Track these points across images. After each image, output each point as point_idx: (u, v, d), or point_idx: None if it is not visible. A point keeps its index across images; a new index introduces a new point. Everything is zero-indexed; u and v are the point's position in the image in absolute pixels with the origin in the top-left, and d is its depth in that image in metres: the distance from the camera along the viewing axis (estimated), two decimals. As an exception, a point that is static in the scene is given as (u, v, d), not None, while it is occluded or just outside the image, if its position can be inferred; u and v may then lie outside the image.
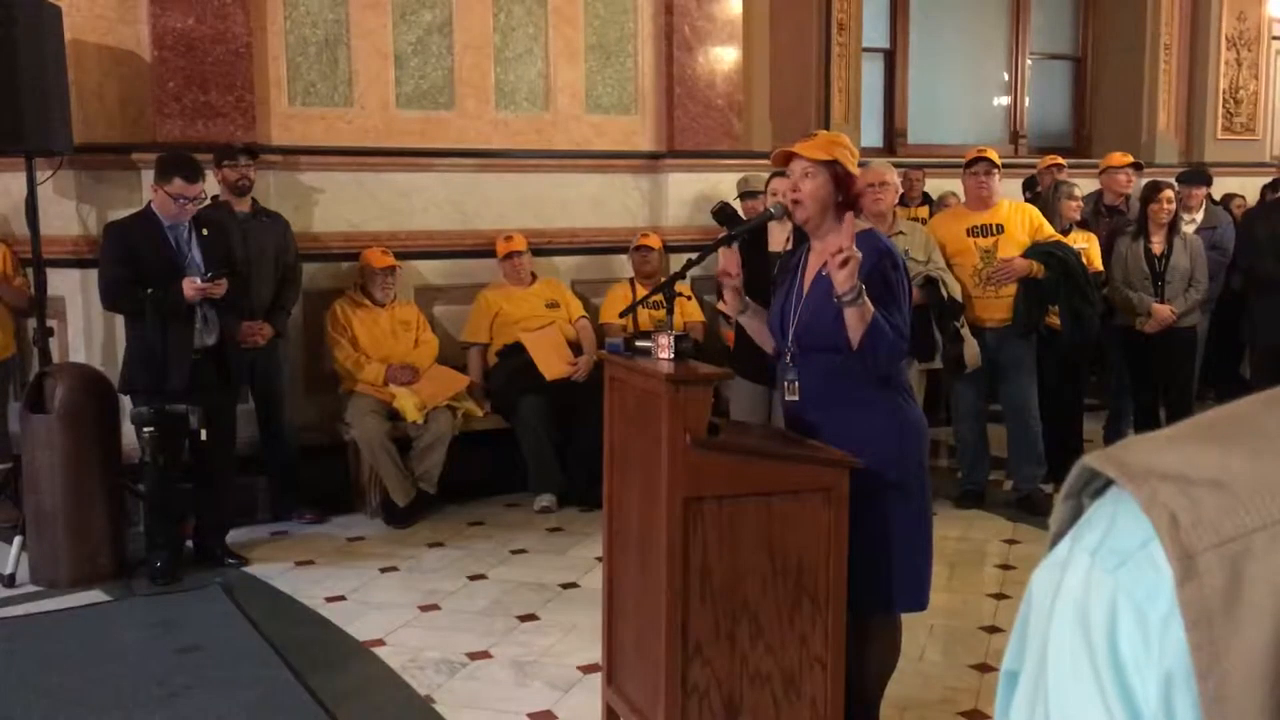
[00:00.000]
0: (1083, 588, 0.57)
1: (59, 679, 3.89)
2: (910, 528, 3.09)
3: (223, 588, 4.78)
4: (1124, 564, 0.56)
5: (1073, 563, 0.59)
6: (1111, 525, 0.57)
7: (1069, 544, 0.60)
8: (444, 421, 5.77)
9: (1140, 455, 0.58)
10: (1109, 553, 0.57)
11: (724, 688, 2.93)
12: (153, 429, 4.69)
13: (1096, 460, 0.59)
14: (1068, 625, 0.58)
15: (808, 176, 3.08)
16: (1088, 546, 0.58)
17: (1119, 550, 0.56)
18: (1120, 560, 0.56)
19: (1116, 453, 0.59)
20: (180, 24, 5.63)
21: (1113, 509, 0.58)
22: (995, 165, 5.74)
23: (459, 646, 4.18)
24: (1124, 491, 0.57)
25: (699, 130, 6.80)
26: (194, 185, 4.79)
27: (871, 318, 2.90)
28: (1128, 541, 0.56)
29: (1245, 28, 9.34)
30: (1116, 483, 0.57)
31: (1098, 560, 0.57)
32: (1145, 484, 0.56)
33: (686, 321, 6.07)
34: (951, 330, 5.46)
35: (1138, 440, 0.60)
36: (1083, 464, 0.60)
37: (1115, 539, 0.57)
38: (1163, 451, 0.58)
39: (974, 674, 3.93)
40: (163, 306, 4.73)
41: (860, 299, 2.88)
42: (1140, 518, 0.55)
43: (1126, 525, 0.56)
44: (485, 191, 6.43)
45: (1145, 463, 0.57)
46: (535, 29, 6.51)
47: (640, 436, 3.12)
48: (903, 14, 8.61)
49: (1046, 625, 0.59)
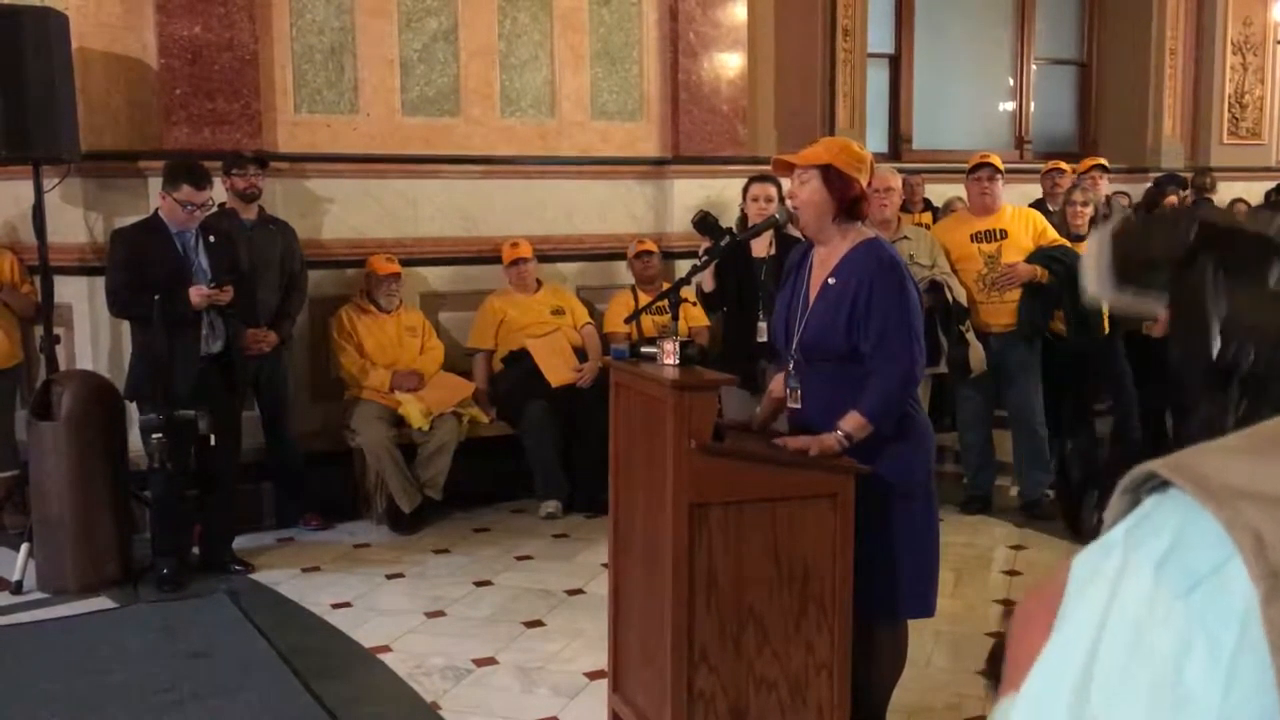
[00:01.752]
0: (1145, 608, 0.55)
1: (66, 685, 3.89)
2: (917, 534, 3.08)
3: (229, 594, 4.78)
4: (1197, 588, 0.53)
5: (1131, 573, 0.56)
6: (1180, 539, 0.55)
7: (1122, 540, 0.58)
8: (449, 428, 5.78)
9: (1215, 470, 0.55)
10: (1180, 572, 0.54)
11: (730, 694, 2.93)
12: (160, 435, 4.70)
13: (1168, 470, 0.57)
14: (1123, 647, 0.55)
15: (802, 183, 3.08)
16: (1151, 557, 0.55)
17: (1191, 571, 0.54)
18: (1193, 583, 0.53)
19: (1189, 465, 0.56)
20: (187, 31, 5.65)
21: (1179, 519, 0.55)
22: (998, 171, 5.75)
23: (465, 652, 4.18)
24: (1193, 502, 0.55)
25: (704, 136, 6.81)
26: (202, 192, 4.81)
27: (866, 417, 2.96)
28: (1201, 561, 0.54)
29: (1251, 32, 9.33)
30: (1191, 496, 0.55)
31: (1165, 579, 0.54)
32: (1228, 503, 0.53)
33: (691, 327, 6.07)
34: (956, 334, 5.46)
35: (1204, 452, 0.58)
36: (1148, 469, 0.58)
37: (1186, 556, 0.54)
38: (1235, 465, 0.56)
39: (981, 680, 3.91)
40: (169, 313, 4.74)
41: (851, 440, 2.96)
42: (1216, 536, 0.53)
43: (1199, 542, 0.54)
44: (490, 198, 6.44)
45: (1222, 479, 0.55)
46: (540, 35, 6.52)
47: (646, 442, 3.12)
48: (907, 20, 8.61)
49: (1089, 616, 0.57)
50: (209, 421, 4.74)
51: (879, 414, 2.97)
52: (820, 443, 2.95)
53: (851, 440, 2.96)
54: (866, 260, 3.03)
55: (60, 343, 5.41)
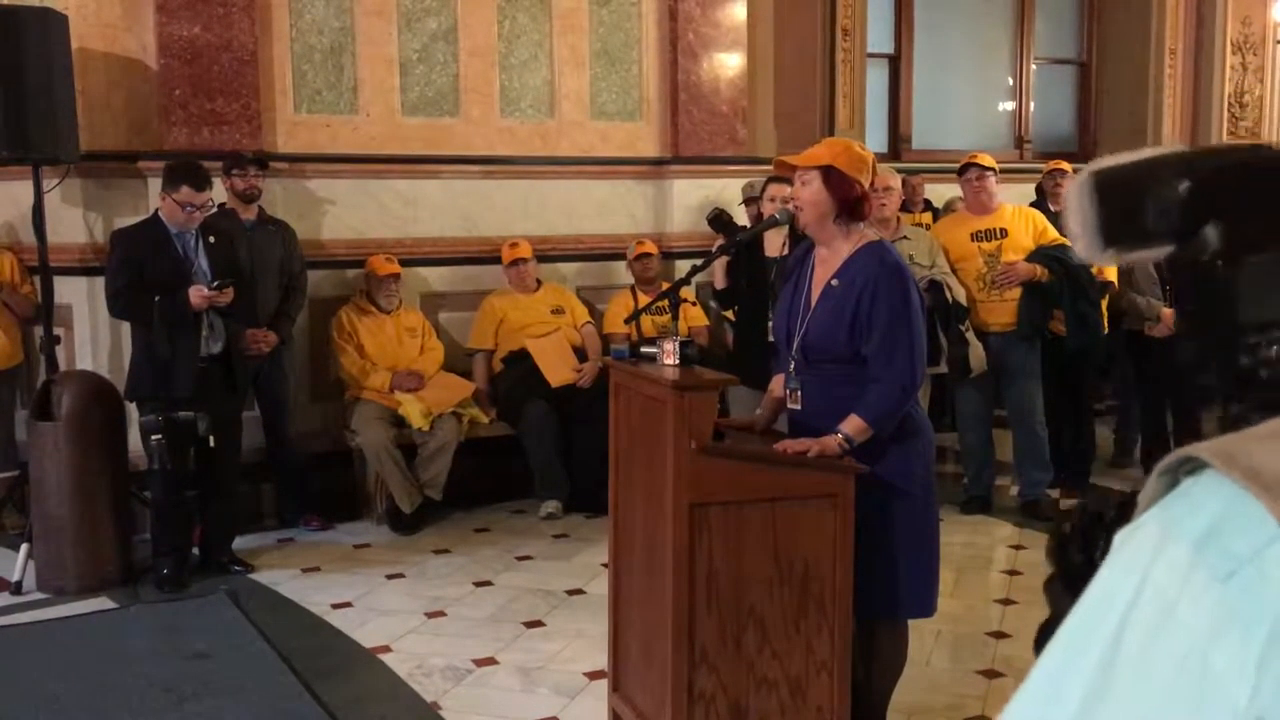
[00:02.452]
0: (1177, 588, 0.55)
1: (66, 686, 3.89)
2: (917, 533, 3.08)
3: (229, 595, 4.78)
4: (1236, 574, 0.53)
5: (1168, 550, 0.56)
6: (1221, 521, 0.55)
7: (1159, 517, 0.58)
8: (449, 428, 5.78)
9: (1266, 462, 0.55)
10: (1220, 555, 0.54)
11: (730, 694, 2.93)
12: (160, 436, 4.70)
13: (1216, 458, 0.56)
14: (1153, 619, 0.55)
15: (804, 184, 3.09)
16: (1190, 535, 0.55)
17: (1231, 554, 0.54)
18: (1232, 568, 0.53)
19: (1237, 453, 0.56)
20: (186, 32, 5.64)
21: (1222, 503, 0.55)
22: (987, 169, 5.76)
23: (465, 653, 4.18)
24: (1241, 490, 0.54)
25: (704, 136, 6.81)
26: (201, 193, 4.81)
27: (866, 421, 2.96)
28: (1241, 544, 0.54)
29: (1250, 32, 9.32)
30: (1242, 487, 0.55)
31: (1204, 560, 0.54)
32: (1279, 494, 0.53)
33: (691, 327, 6.07)
34: (956, 334, 5.46)
35: (1249, 439, 0.58)
36: (1187, 453, 0.58)
37: (1227, 539, 0.54)
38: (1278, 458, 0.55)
39: (981, 680, 3.92)
40: (169, 314, 4.74)
41: (851, 443, 2.96)
42: (1260, 521, 0.53)
43: (1242, 527, 0.54)
44: (490, 198, 6.44)
45: (1275, 471, 0.54)
46: (540, 35, 6.52)
47: (645, 442, 3.12)
48: (907, 20, 8.61)
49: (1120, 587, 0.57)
50: (208, 423, 4.75)
51: (879, 420, 2.97)
52: (821, 444, 2.96)
53: (851, 444, 2.97)
54: (871, 263, 3.03)
55: (60, 343, 5.41)
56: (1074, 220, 0.84)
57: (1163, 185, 0.78)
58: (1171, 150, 0.82)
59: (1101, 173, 0.84)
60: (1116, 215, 0.82)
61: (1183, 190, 0.77)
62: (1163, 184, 0.78)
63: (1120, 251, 0.83)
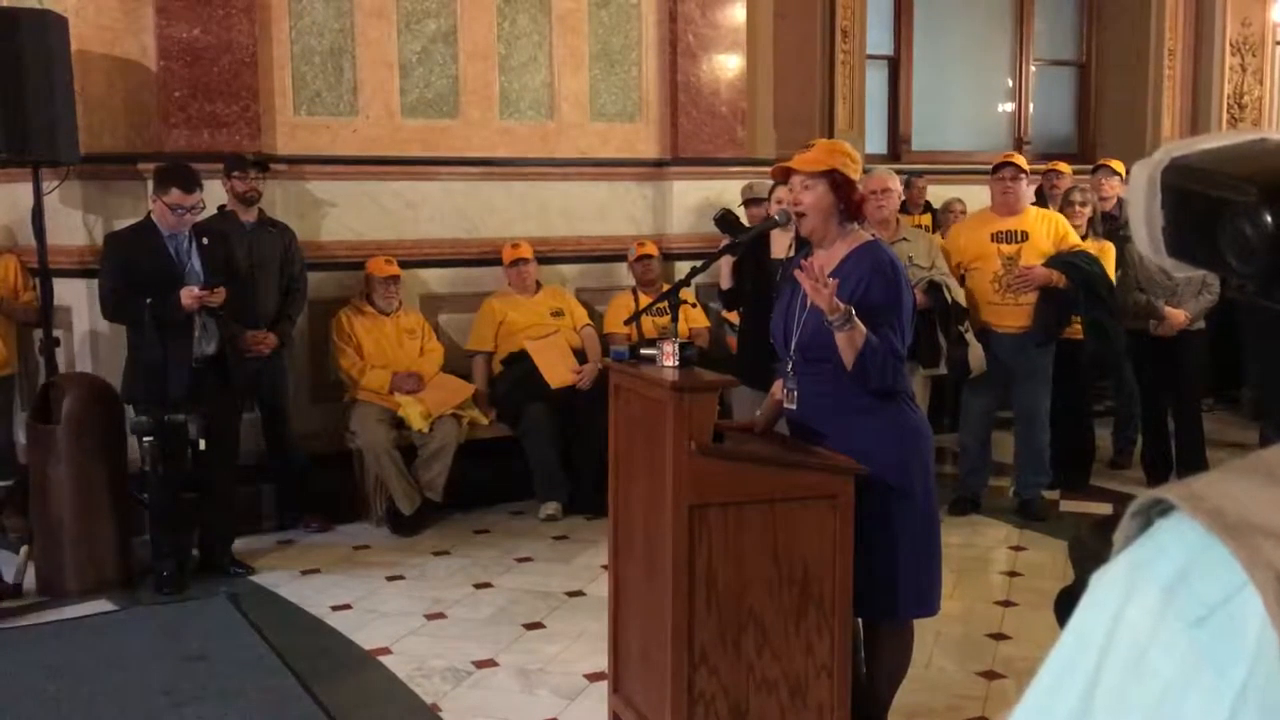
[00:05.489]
0: (1148, 633, 0.54)
1: (65, 688, 3.89)
2: (916, 534, 3.08)
3: (229, 597, 4.78)
4: (1207, 620, 0.52)
5: (1139, 593, 0.55)
6: (1191, 565, 0.54)
7: (1130, 558, 0.57)
8: (449, 430, 5.78)
9: (1231, 502, 0.54)
10: (1190, 599, 0.53)
11: (730, 695, 2.93)
12: (152, 438, 4.69)
13: (1181, 500, 0.55)
14: (1125, 666, 0.54)
15: (807, 189, 3.10)
16: (1160, 579, 0.55)
17: (1202, 600, 0.53)
18: (1203, 613, 0.53)
19: (1203, 494, 0.55)
20: (186, 34, 5.65)
21: (1191, 546, 0.54)
22: (1022, 171, 5.72)
23: (465, 655, 4.18)
24: (1199, 526, 0.54)
25: (703, 137, 6.81)
26: (191, 195, 4.78)
27: (863, 341, 2.92)
28: (1212, 590, 0.53)
29: (1249, 33, 9.33)
30: (1205, 529, 0.54)
31: (1174, 604, 0.54)
32: (1247, 539, 0.52)
33: (691, 328, 6.07)
34: (955, 335, 5.45)
35: (1219, 480, 0.56)
36: (1157, 495, 0.57)
37: (1198, 584, 0.53)
38: (1253, 497, 0.54)
39: (981, 681, 3.92)
40: (161, 316, 4.72)
41: (849, 323, 2.90)
42: (1228, 566, 0.52)
43: (1211, 571, 0.53)
44: (489, 200, 6.44)
45: (1240, 513, 0.53)
46: (539, 37, 6.53)
47: (645, 444, 3.12)
48: (906, 21, 8.62)
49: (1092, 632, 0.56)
50: (200, 426, 4.73)
51: (875, 349, 2.93)
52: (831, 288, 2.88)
53: (850, 321, 2.89)
54: (865, 262, 3.06)
55: (60, 345, 5.40)
56: (1136, 211, 0.78)
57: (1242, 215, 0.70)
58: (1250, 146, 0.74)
59: (1177, 169, 0.76)
60: (1186, 228, 0.75)
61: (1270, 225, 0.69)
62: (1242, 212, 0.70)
63: (1184, 264, 0.77)
